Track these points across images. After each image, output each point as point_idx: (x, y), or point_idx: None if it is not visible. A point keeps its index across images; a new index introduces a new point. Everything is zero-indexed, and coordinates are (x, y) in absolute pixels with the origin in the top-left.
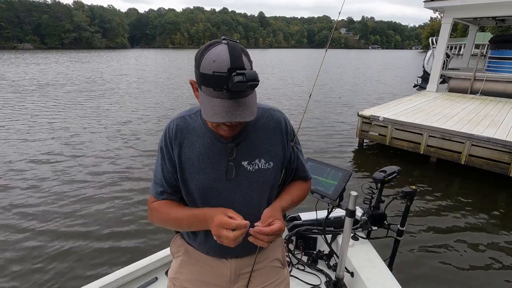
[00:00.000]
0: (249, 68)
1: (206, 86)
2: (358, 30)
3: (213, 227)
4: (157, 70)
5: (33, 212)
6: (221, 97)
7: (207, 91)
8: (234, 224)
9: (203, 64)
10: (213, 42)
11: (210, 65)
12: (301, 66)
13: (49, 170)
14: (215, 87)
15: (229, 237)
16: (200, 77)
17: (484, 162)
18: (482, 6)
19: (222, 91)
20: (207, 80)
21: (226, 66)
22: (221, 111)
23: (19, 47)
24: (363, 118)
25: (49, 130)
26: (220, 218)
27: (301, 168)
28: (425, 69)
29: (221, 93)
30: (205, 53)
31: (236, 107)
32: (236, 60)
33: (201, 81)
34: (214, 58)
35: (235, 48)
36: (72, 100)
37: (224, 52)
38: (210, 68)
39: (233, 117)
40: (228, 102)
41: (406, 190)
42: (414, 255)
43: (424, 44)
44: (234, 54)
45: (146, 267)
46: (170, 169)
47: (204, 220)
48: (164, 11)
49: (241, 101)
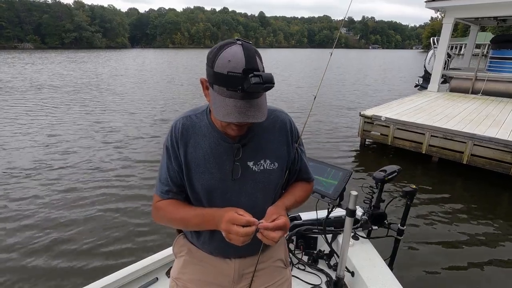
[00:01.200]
0: (262, 70)
1: (219, 85)
2: (358, 30)
3: (223, 222)
4: (156, 70)
5: (33, 212)
6: (234, 97)
7: (220, 90)
8: (245, 220)
9: (217, 63)
10: (227, 42)
11: (225, 64)
12: (302, 66)
13: (45, 171)
14: (229, 87)
15: (239, 232)
16: (214, 76)
17: (486, 161)
18: (484, 6)
19: (236, 91)
20: (221, 80)
21: (241, 67)
22: (234, 111)
23: (20, 47)
24: (365, 118)
25: (45, 131)
26: (231, 214)
27: (304, 169)
28: (426, 69)
29: (235, 93)
30: (219, 53)
31: (248, 108)
32: (251, 60)
33: (214, 80)
34: (230, 58)
35: (249, 49)
36: (63, 102)
37: (239, 53)
38: (225, 67)
39: (246, 118)
40: (240, 102)
41: (407, 189)
42: (415, 255)
43: (424, 44)
44: (249, 55)
45: (147, 268)
46: (176, 168)
47: (213, 220)
48: (165, 11)
49: (253, 102)
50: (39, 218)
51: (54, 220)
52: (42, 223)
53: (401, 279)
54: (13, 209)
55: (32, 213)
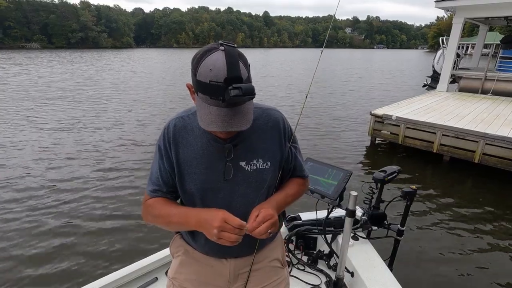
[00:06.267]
0: (246, 75)
1: (203, 93)
2: (363, 29)
3: (217, 220)
4: (157, 71)
5: (32, 213)
6: (217, 105)
7: (204, 98)
8: (238, 221)
9: (199, 72)
10: (210, 47)
11: (207, 73)
12: (301, 67)
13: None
14: (211, 96)
15: (235, 230)
16: (197, 84)
17: (498, 160)
18: (494, 6)
19: (218, 100)
20: (204, 88)
21: (223, 76)
22: (217, 120)
23: (27, 47)
24: (375, 117)
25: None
26: (225, 213)
27: (299, 167)
28: (435, 68)
29: (218, 102)
30: (201, 61)
31: (232, 116)
32: (232, 68)
33: (198, 88)
34: (211, 67)
35: (232, 55)
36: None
37: (221, 60)
38: (206, 76)
39: (229, 127)
40: (224, 111)
41: (406, 190)
42: (415, 255)
43: (430, 43)
44: (231, 62)
45: (146, 267)
46: (167, 168)
47: (197, 220)
48: (170, 10)
49: (238, 109)
50: (39, 218)
51: (55, 220)
52: (42, 223)
53: (401, 279)
54: (12, 209)
55: (32, 213)
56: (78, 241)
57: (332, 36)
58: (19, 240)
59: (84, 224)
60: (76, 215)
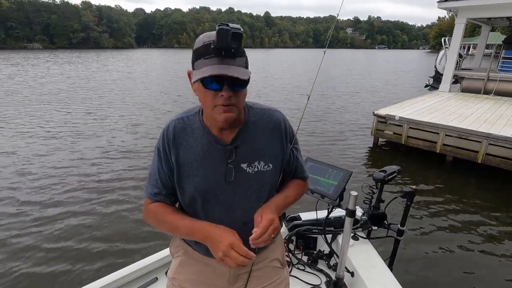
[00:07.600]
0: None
1: (198, 58)
2: (364, 29)
3: (223, 245)
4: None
5: (31, 213)
6: (212, 63)
7: (199, 63)
8: (244, 251)
9: (196, 42)
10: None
11: (201, 39)
12: (302, 68)
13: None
14: (205, 55)
15: (238, 260)
16: (194, 54)
17: (501, 161)
18: (497, 7)
19: (211, 56)
20: (199, 52)
21: (215, 36)
22: (213, 69)
23: (29, 47)
24: (378, 118)
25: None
26: (233, 239)
27: (299, 169)
28: (437, 69)
29: (211, 60)
30: (199, 37)
31: (226, 68)
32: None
33: (195, 57)
34: (206, 35)
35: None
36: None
37: (214, 31)
38: (201, 41)
39: (226, 71)
40: (219, 63)
41: (406, 190)
42: (415, 255)
43: (431, 44)
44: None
45: (146, 267)
46: (166, 171)
47: (203, 236)
48: (171, 11)
49: (231, 62)
50: (38, 218)
51: (54, 220)
52: (41, 224)
53: (401, 279)
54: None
55: (31, 213)
56: (78, 241)
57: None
58: (20, 240)
59: (83, 224)
60: (76, 215)
